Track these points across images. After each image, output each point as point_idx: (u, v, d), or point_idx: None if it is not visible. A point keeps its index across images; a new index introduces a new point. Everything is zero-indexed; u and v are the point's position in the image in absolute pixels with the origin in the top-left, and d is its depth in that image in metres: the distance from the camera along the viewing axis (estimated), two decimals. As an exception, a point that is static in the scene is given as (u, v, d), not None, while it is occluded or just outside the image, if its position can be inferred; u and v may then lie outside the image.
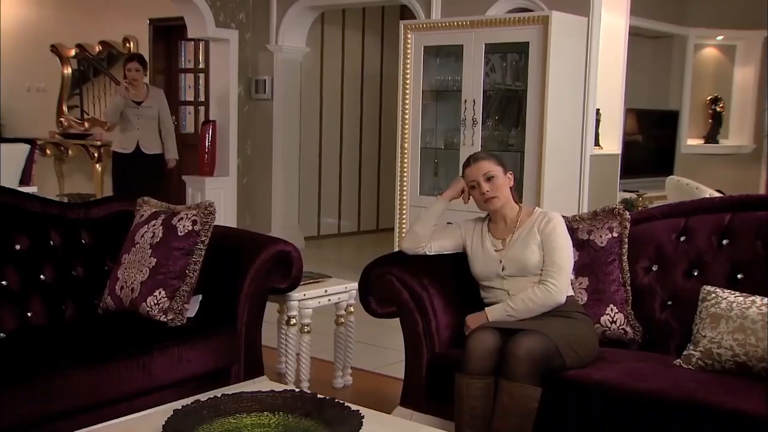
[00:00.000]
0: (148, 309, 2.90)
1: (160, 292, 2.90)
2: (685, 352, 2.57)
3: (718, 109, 7.82)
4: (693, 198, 3.73)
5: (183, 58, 8.23)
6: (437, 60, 5.75)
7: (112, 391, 2.56)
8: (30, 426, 2.36)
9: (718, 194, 4.88)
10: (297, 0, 7.14)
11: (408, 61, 5.65)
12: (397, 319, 2.93)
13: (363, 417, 2.04)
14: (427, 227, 2.92)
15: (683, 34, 7.53)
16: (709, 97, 7.85)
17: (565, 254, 2.72)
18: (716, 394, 2.27)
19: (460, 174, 2.92)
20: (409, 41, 5.65)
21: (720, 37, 7.72)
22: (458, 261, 2.91)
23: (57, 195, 8.17)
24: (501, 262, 2.77)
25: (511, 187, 2.84)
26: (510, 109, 5.53)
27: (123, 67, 6.47)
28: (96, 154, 8.43)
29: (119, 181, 6.35)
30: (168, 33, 8.16)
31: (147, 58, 8.27)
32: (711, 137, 7.85)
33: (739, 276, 2.73)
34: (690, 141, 7.81)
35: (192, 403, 2.11)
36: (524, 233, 2.77)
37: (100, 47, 8.60)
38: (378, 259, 2.99)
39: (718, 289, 2.62)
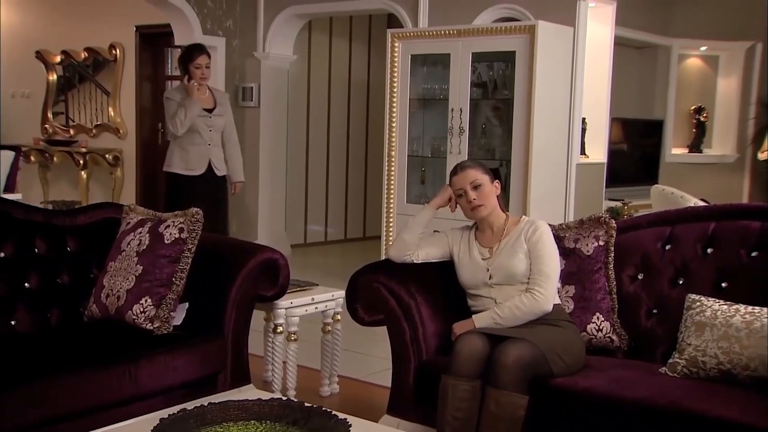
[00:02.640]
0: (134, 317, 2.89)
1: (146, 300, 2.89)
2: (670, 360, 2.59)
3: (702, 119, 7.89)
4: (678, 207, 3.76)
5: (170, 65, 8.21)
6: (424, 68, 5.77)
7: (98, 400, 2.54)
8: (14, 435, 2.34)
9: (702, 203, 4.91)
10: (284, 8, 7.16)
11: (395, 69, 5.67)
12: (384, 327, 2.93)
13: (350, 425, 2.04)
14: (414, 235, 2.93)
15: (667, 44, 7.60)
16: (693, 107, 7.91)
17: (552, 263, 2.73)
18: (701, 402, 2.29)
19: (447, 182, 2.93)
20: (396, 49, 5.67)
21: (703, 48, 7.79)
22: (445, 269, 2.91)
23: (41, 202, 8.10)
24: (488, 270, 2.78)
25: (497, 196, 2.86)
26: (496, 117, 5.56)
27: (184, 61, 4.94)
28: (81, 161, 8.38)
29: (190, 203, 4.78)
30: (155, 40, 8.14)
31: (133, 65, 8.30)
32: (695, 146, 7.91)
33: (723, 284, 2.76)
34: (674, 150, 7.86)
35: (178, 412, 2.10)
36: (511, 242, 2.78)
37: (86, 54, 8.56)
38: (365, 267, 2.99)
39: (702, 298, 2.64)
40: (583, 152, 5.78)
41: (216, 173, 4.91)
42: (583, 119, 5.70)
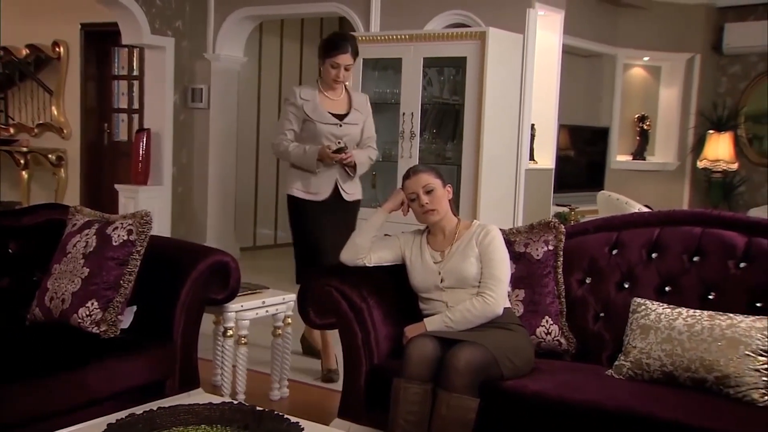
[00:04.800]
0: (79, 320, 2.82)
1: (92, 303, 2.83)
2: (616, 363, 2.65)
3: (645, 127, 8.10)
4: (623, 212, 3.85)
5: (116, 65, 8.06)
6: (375, 73, 5.78)
7: (42, 406, 2.47)
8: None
9: (646, 209, 5.04)
10: (235, 9, 7.10)
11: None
12: (335, 331, 2.92)
13: (303, 429, 2.03)
14: (366, 239, 2.93)
15: (613, 53, 7.79)
16: (636, 115, 8.12)
17: (503, 266, 2.77)
18: (646, 403, 2.34)
19: (400, 186, 2.94)
20: (348, 53, 5.66)
21: (646, 58, 8.01)
22: (397, 273, 2.92)
23: (-20, 202, 7.87)
24: (440, 274, 2.80)
25: (449, 200, 2.88)
26: (447, 122, 5.61)
27: (321, 54, 3.88)
28: (22, 161, 8.16)
29: (301, 237, 3.89)
30: (101, 38, 7.97)
31: (78, 64, 8.11)
32: (639, 154, 8.12)
33: (667, 288, 2.83)
34: (619, 157, 8.06)
35: (126, 417, 2.07)
36: (463, 245, 2.81)
37: (28, 51, 8.34)
38: (317, 270, 2.98)
39: (647, 301, 2.71)
40: (532, 158, 5.87)
41: (344, 198, 3.86)
42: (532, 125, 5.80)
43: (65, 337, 2.79)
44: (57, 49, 8.13)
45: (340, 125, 3.84)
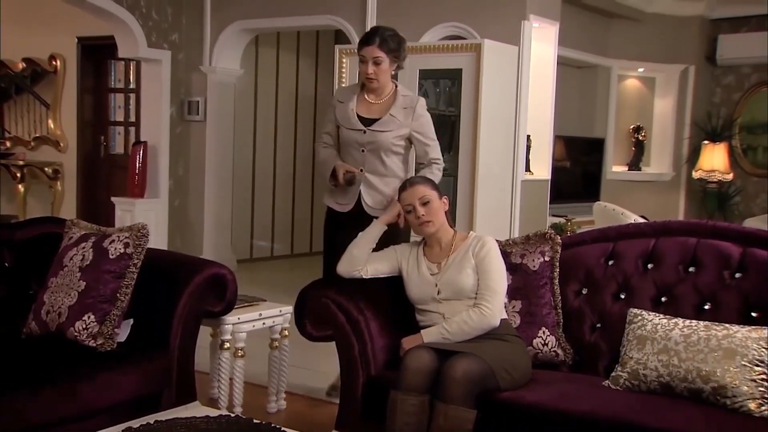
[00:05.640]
0: (76, 334, 2.82)
1: (89, 317, 2.83)
2: (613, 374, 2.66)
3: (641, 138, 8.14)
4: (619, 223, 3.86)
5: (113, 78, 8.07)
6: (372, 85, 5.80)
7: (40, 419, 2.47)
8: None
9: (642, 220, 5.06)
10: (231, 22, 7.12)
11: (343, 84, 5.69)
12: (333, 343, 2.92)
13: (300, 442, 2.03)
14: (363, 250, 2.94)
15: (607, 65, 7.83)
16: (632, 126, 8.16)
17: (499, 278, 2.78)
18: (643, 414, 2.35)
19: (396, 198, 2.95)
20: (344, 65, 5.69)
21: (641, 69, 8.06)
22: (394, 284, 2.93)
23: (-24, 216, 7.86)
24: (436, 285, 2.80)
25: (445, 212, 2.89)
26: (443, 134, 5.62)
27: (359, 50, 3.43)
28: (19, 174, 8.15)
29: (330, 247, 3.57)
30: (97, 52, 7.99)
31: (74, 77, 8.12)
32: (634, 164, 8.15)
33: (663, 299, 2.84)
34: (615, 168, 8.09)
35: (123, 430, 2.06)
36: (459, 257, 2.82)
37: (24, 64, 8.35)
38: (314, 283, 2.98)
39: (644, 312, 2.71)
40: (527, 169, 5.89)
41: (367, 211, 3.43)
42: (528, 136, 5.82)
43: (61, 350, 2.78)
44: (54, 63, 8.14)
45: (365, 131, 3.39)
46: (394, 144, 3.41)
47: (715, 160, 7.66)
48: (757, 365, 2.42)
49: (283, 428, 2.10)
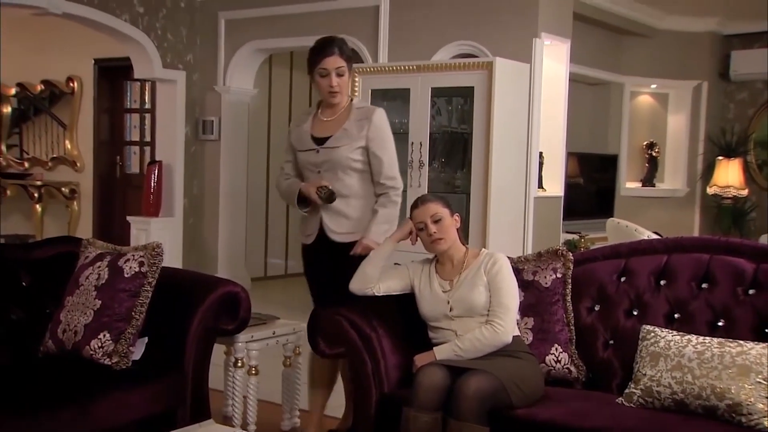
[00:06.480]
0: (91, 352, 2.84)
1: (104, 335, 2.85)
2: (626, 391, 2.64)
3: (654, 154, 8.12)
4: (632, 239, 3.85)
5: (128, 98, 8.17)
6: (384, 103, 5.83)
7: (54, 438, 2.49)
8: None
9: (655, 236, 5.04)
10: (245, 42, 7.20)
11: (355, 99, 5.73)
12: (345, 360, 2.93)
13: (313, 459, 2.03)
14: (375, 268, 2.95)
15: (620, 81, 7.83)
16: (645, 142, 8.14)
17: (511, 295, 2.78)
18: (657, 431, 2.33)
19: (408, 216, 2.97)
20: (357, 84, 5.73)
21: (654, 86, 8.06)
22: (406, 302, 2.93)
23: (-6, 236, 7.95)
24: (449, 302, 2.81)
25: (457, 229, 2.90)
26: (456, 151, 5.64)
27: (309, 64, 3.22)
28: (36, 194, 8.25)
29: (310, 280, 3.35)
30: (114, 73, 8.10)
31: (91, 98, 8.23)
32: (648, 180, 8.13)
33: (676, 315, 2.83)
34: (628, 184, 8.06)
35: (138, 448, 2.08)
36: (471, 274, 2.82)
37: (42, 86, 8.48)
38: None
39: (656, 328, 2.70)
40: (540, 186, 5.89)
41: (331, 238, 3.17)
42: (541, 153, 5.82)
43: (77, 369, 2.81)
44: (71, 84, 8.26)
45: (318, 151, 3.14)
46: (352, 160, 3.12)
47: (729, 175, 7.62)
48: (772, 382, 2.40)
49: (296, 446, 2.11)
